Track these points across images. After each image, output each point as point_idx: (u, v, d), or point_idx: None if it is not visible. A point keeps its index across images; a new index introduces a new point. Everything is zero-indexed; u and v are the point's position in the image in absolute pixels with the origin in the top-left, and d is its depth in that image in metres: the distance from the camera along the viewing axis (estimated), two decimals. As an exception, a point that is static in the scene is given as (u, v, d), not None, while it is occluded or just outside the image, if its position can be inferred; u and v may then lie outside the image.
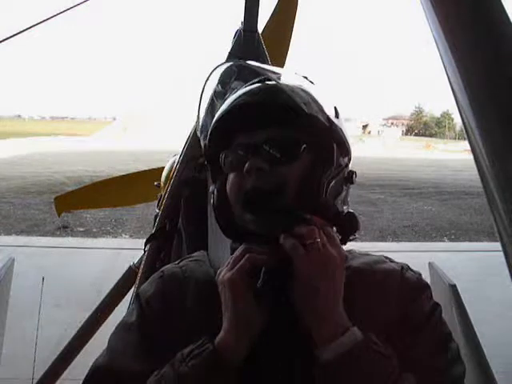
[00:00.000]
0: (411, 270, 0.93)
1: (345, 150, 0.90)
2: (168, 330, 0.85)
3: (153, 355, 0.82)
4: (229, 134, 0.89)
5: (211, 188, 0.92)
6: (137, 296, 0.94)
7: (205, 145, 0.93)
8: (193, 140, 1.79)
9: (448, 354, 0.85)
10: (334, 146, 0.86)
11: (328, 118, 0.87)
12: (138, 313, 0.90)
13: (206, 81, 0.94)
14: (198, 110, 0.99)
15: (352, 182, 0.93)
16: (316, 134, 0.85)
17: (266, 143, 0.84)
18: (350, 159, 0.92)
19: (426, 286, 0.91)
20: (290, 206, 0.82)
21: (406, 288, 0.88)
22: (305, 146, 0.85)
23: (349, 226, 0.90)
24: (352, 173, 0.92)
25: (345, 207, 0.92)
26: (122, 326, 0.90)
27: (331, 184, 0.85)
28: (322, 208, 0.84)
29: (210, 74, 0.93)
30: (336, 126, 0.88)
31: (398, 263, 0.94)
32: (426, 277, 2.11)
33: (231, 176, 0.87)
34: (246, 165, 0.82)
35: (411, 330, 0.84)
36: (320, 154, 0.85)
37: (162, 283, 0.93)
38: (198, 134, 0.99)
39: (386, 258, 0.96)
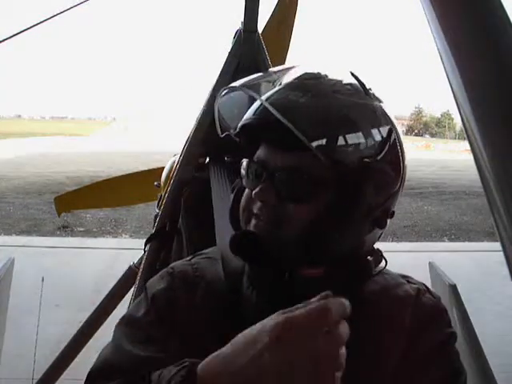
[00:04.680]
0: (429, 293, 0.86)
1: (386, 183, 0.80)
2: (173, 328, 0.83)
3: (158, 348, 0.81)
4: (254, 139, 0.83)
5: (236, 182, 0.88)
6: (145, 289, 0.91)
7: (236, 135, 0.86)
8: (193, 140, 1.79)
9: None
10: (365, 184, 0.76)
11: (359, 155, 0.76)
12: (145, 307, 0.87)
13: (214, 103, 0.90)
14: (217, 121, 0.92)
15: (381, 227, 0.82)
16: (339, 173, 0.75)
17: (280, 172, 0.77)
18: (394, 192, 0.82)
19: (442, 312, 0.86)
20: (286, 256, 0.77)
21: (419, 316, 0.82)
22: (318, 184, 0.76)
23: (359, 273, 0.84)
24: (387, 214, 0.81)
25: (366, 250, 0.84)
26: (128, 319, 0.88)
27: (351, 229, 0.78)
28: (327, 257, 0.79)
29: (216, 99, 0.89)
30: (376, 157, 0.77)
31: (415, 285, 0.87)
32: (426, 277, 2.12)
33: (246, 191, 0.83)
34: (253, 192, 0.78)
35: (421, 360, 0.80)
36: (341, 196, 0.76)
37: (171, 280, 0.89)
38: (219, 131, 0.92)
39: (405, 277, 0.89)
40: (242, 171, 0.84)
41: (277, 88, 0.82)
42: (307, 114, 0.76)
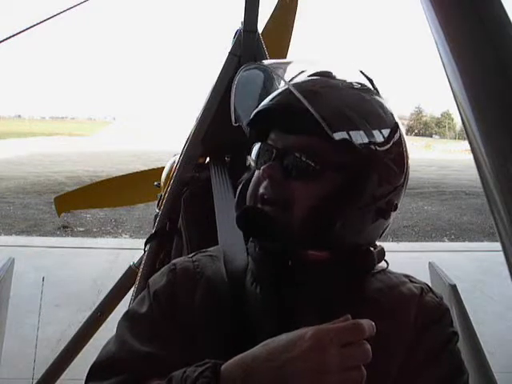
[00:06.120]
0: (432, 293, 0.87)
1: (390, 176, 0.83)
2: (175, 324, 0.84)
3: (161, 345, 0.81)
4: (266, 128, 0.87)
5: (244, 175, 0.91)
6: (147, 286, 0.92)
7: (247, 125, 0.90)
8: (193, 140, 1.79)
9: None
10: (370, 173, 0.79)
11: (367, 143, 0.79)
12: (148, 303, 0.88)
13: (233, 83, 0.91)
14: (232, 107, 0.94)
15: (385, 218, 0.84)
16: (346, 157, 0.79)
17: (287, 151, 0.81)
18: (397, 187, 0.85)
19: (445, 312, 0.86)
20: (290, 236, 0.79)
21: (422, 315, 0.83)
22: (325, 166, 0.79)
23: (362, 262, 0.85)
24: (391, 206, 0.84)
25: (369, 241, 0.86)
26: (132, 315, 0.89)
27: (354, 215, 0.80)
28: (329, 241, 0.80)
29: (237, 76, 0.91)
30: (382, 149, 0.80)
31: (418, 285, 0.88)
32: (426, 277, 2.12)
33: (255, 173, 0.86)
34: (262, 168, 0.81)
35: (424, 359, 0.80)
36: (347, 180, 0.79)
37: (172, 277, 0.90)
38: (233, 119, 0.93)
39: (407, 277, 0.90)
40: (252, 156, 0.86)
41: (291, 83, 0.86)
42: (323, 100, 0.79)
